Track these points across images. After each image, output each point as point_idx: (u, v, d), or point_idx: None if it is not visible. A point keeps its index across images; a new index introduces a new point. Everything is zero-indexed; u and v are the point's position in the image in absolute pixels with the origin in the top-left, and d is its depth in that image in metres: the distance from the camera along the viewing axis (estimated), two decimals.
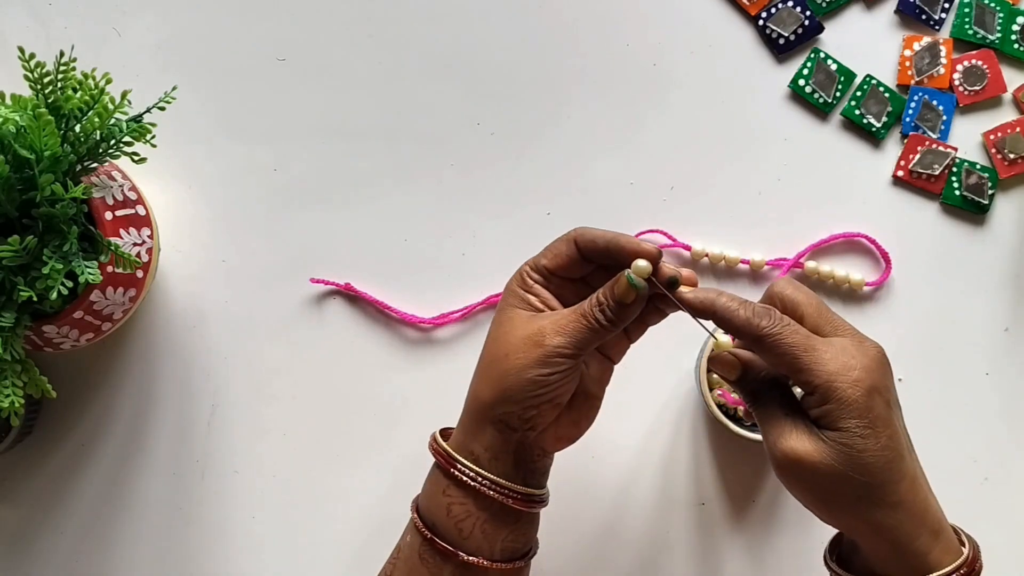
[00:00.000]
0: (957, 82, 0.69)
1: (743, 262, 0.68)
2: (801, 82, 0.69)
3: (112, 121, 0.56)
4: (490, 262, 0.69)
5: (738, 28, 0.70)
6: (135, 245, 0.60)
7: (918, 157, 0.68)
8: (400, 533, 0.55)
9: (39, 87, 0.56)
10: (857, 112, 0.69)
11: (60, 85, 0.56)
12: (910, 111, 0.69)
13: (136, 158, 0.58)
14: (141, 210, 0.62)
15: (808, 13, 0.69)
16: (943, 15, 0.69)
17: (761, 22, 0.69)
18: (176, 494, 0.68)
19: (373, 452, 0.68)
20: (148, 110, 0.59)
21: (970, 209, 0.68)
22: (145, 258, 0.61)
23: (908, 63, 0.69)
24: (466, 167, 0.69)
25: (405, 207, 0.69)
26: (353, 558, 0.67)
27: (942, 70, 0.69)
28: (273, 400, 0.68)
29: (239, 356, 0.68)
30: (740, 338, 0.49)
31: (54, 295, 0.54)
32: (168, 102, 0.59)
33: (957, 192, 0.68)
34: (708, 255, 0.68)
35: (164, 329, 0.69)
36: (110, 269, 0.58)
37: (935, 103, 0.69)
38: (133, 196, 0.62)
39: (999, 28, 0.69)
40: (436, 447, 0.52)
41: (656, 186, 0.69)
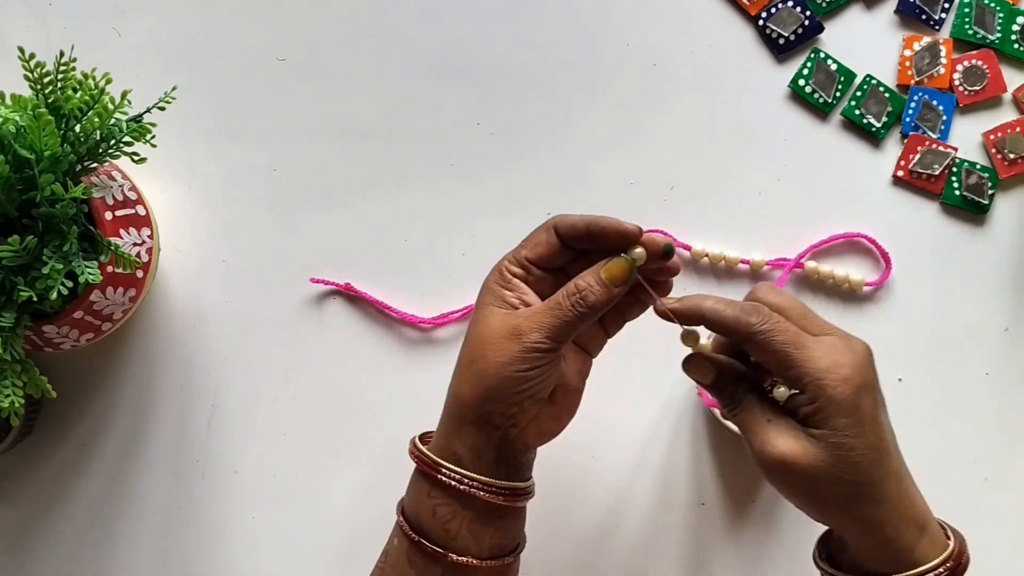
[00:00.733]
0: (957, 82, 0.69)
1: (743, 262, 0.68)
2: (801, 82, 0.69)
3: (112, 121, 0.56)
4: (490, 262, 0.67)
5: (738, 28, 0.70)
6: (135, 245, 0.60)
7: (918, 157, 0.68)
8: None
9: (39, 87, 0.56)
10: (857, 112, 0.69)
11: (60, 85, 0.56)
12: (910, 111, 0.69)
13: (136, 158, 0.58)
14: (141, 210, 0.62)
15: (808, 13, 0.69)
16: (943, 15, 0.69)
17: (761, 22, 0.69)
18: (176, 494, 0.68)
19: (373, 452, 0.68)
20: (148, 110, 0.59)
21: (970, 209, 0.68)
22: (145, 258, 0.61)
23: (908, 63, 0.69)
24: (466, 167, 0.69)
25: (405, 207, 0.69)
26: (353, 558, 0.67)
27: (942, 70, 0.69)
28: (273, 400, 0.68)
29: (239, 356, 0.68)
30: (730, 338, 0.49)
31: (54, 295, 0.54)
32: (168, 102, 0.59)
33: (957, 192, 0.68)
34: (708, 255, 0.68)
35: (164, 329, 0.69)
36: (110, 269, 0.58)
37: (935, 103, 0.69)
38: (133, 196, 0.62)
39: (999, 28, 0.69)
40: (418, 454, 0.52)
41: (656, 186, 0.69)
